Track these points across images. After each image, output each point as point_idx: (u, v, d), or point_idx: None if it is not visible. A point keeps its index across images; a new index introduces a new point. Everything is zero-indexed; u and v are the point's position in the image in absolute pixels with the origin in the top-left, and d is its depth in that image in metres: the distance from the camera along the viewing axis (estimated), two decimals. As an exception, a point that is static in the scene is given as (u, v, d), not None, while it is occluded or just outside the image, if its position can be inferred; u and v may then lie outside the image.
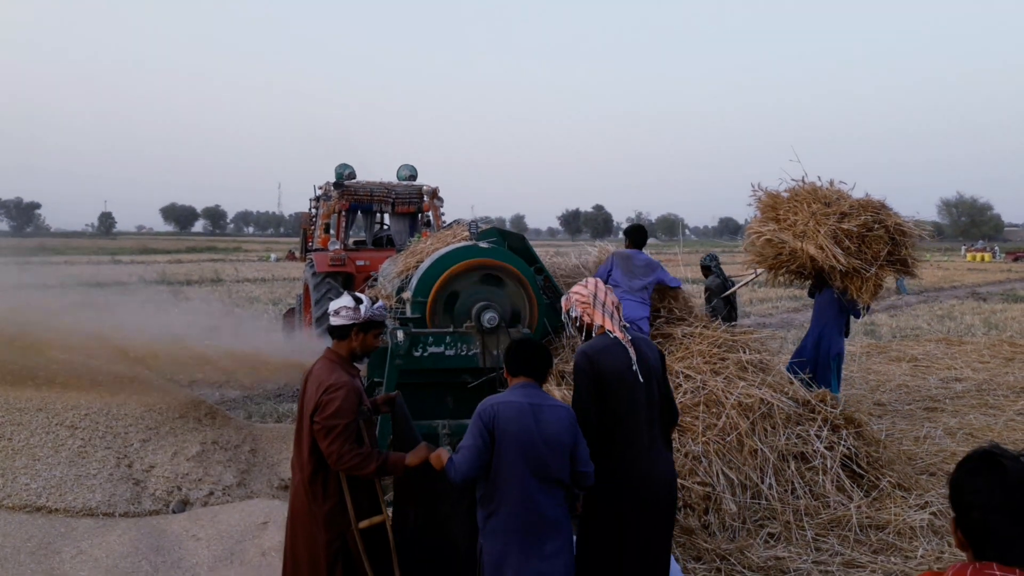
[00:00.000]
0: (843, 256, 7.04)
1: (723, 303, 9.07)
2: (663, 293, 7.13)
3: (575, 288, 3.91)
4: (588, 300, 3.82)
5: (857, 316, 8.07)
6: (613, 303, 3.84)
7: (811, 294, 8.26)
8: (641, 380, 3.59)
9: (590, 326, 3.82)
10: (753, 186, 7.96)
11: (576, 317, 3.84)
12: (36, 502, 5.52)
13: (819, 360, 7.88)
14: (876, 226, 7.13)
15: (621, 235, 7.47)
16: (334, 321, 3.65)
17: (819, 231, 7.09)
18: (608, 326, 3.75)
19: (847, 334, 8.21)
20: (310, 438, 3.49)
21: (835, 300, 7.76)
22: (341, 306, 3.65)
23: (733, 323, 8.46)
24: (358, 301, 3.66)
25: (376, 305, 3.72)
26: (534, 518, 3.27)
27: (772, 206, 7.67)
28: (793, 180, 7.77)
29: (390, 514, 3.74)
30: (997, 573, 1.61)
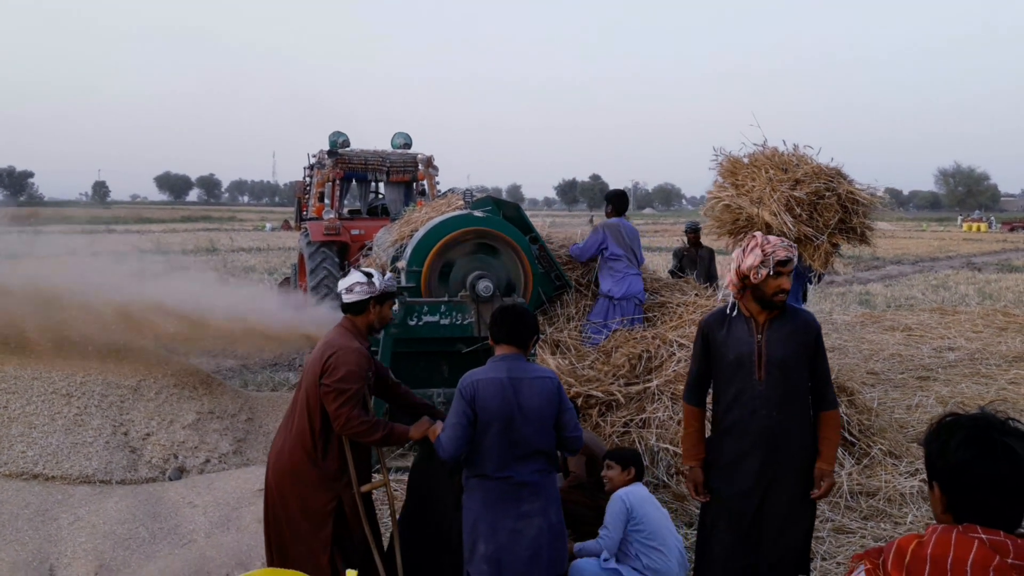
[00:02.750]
0: (792, 223, 7.09)
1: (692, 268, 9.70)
2: None
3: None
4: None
5: (810, 282, 8.09)
6: None
7: None
8: None
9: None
10: (715, 150, 7.92)
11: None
12: (33, 470, 5.55)
13: None
14: (828, 194, 7.12)
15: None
16: (349, 299, 3.62)
17: (773, 197, 7.10)
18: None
19: (804, 299, 8.28)
20: (315, 401, 3.50)
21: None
22: (354, 282, 3.62)
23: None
24: (369, 275, 3.65)
25: (386, 277, 3.73)
26: (511, 484, 3.31)
27: (732, 171, 7.64)
28: (755, 145, 7.72)
29: (388, 479, 3.79)
30: (983, 535, 1.63)
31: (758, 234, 3.52)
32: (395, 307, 5.78)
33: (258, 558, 4.70)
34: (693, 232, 9.96)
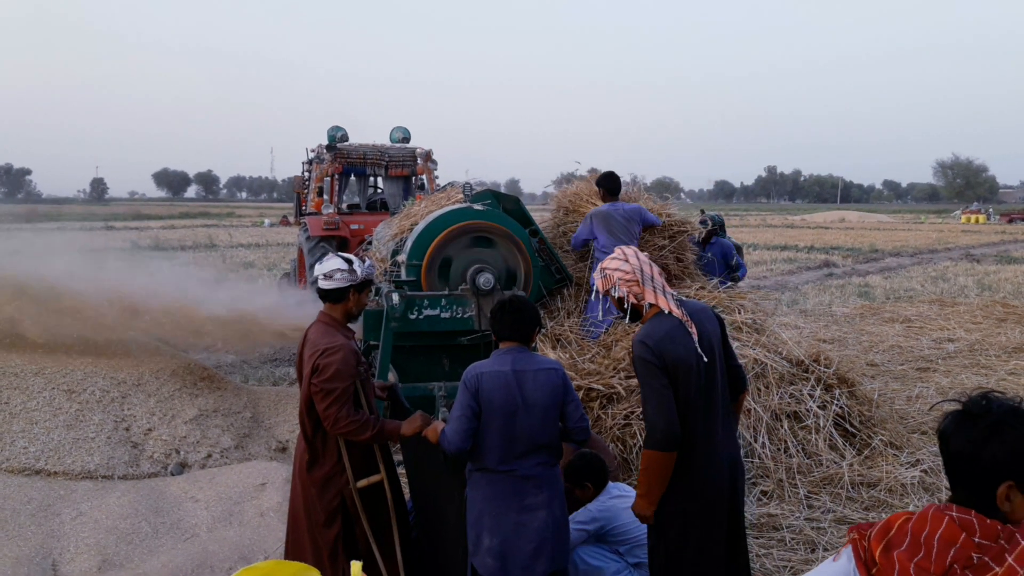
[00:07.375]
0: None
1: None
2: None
3: (611, 264, 3.32)
4: (634, 276, 3.25)
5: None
6: (660, 274, 3.33)
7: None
8: (705, 360, 3.15)
9: (638, 306, 3.29)
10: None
11: (621, 298, 3.28)
12: (35, 465, 5.54)
13: None
14: None
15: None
16: (327, 285, 3.56)
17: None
18: (663, 304, 3.22)
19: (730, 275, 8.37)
20: (307, 399, 3.50)
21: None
22: (334, 268, 3.56)
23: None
24: (349, 262, 3.61)
25: (366, 263, 3.70)
26: (515, 477, 3.31)
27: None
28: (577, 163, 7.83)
29: (391, 472, 3.78)
30: (954, 513, 1.68)
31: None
32: (395, 301, 5.78)
33: (260, 552, 4.71)
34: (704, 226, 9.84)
